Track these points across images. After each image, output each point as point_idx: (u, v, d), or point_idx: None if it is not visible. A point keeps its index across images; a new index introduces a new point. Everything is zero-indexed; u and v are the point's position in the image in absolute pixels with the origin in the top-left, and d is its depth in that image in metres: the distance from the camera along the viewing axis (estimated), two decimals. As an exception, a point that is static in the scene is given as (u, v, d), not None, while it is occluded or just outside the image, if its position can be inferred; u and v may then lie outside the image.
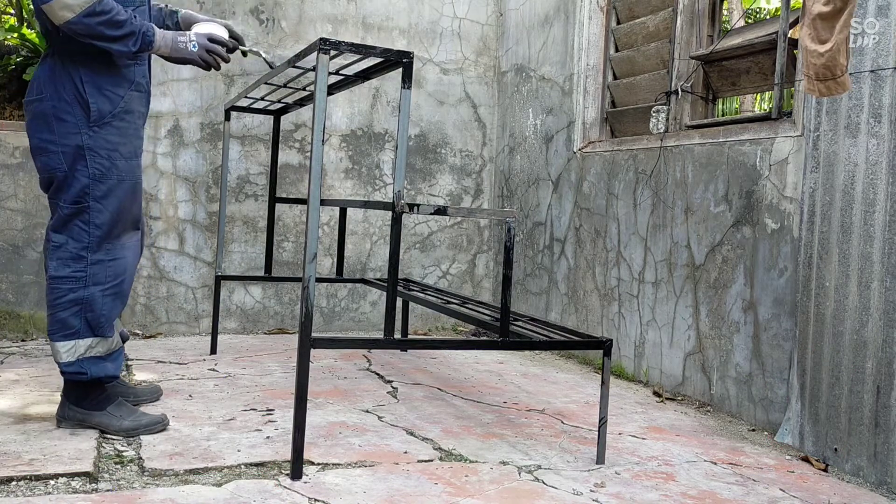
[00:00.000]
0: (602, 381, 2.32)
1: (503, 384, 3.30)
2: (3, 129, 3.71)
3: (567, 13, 3.97)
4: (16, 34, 4.06)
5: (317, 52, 2.04)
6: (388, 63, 2.37)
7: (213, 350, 3.56)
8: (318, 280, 3.70)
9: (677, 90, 3.31)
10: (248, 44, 3.69)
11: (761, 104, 8.53)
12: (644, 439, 2.60)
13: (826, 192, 2.47)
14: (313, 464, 2.17)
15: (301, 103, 3.39)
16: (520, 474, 2.19)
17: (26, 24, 4.24)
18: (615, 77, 3.81)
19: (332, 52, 2.06)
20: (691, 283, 3.12)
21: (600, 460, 2.32)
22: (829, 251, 2.46)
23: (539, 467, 2.26)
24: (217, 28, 2.48)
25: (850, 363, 2.37)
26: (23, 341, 3.67)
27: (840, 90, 2.06)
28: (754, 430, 2.76)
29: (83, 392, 2.33)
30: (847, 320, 2.38)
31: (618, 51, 3.79)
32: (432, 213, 2.34)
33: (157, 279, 3.96)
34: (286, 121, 4.10)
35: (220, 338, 3.87)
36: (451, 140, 4.56)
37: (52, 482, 1.94)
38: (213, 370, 3.24)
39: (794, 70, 2.81)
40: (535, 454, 2.38)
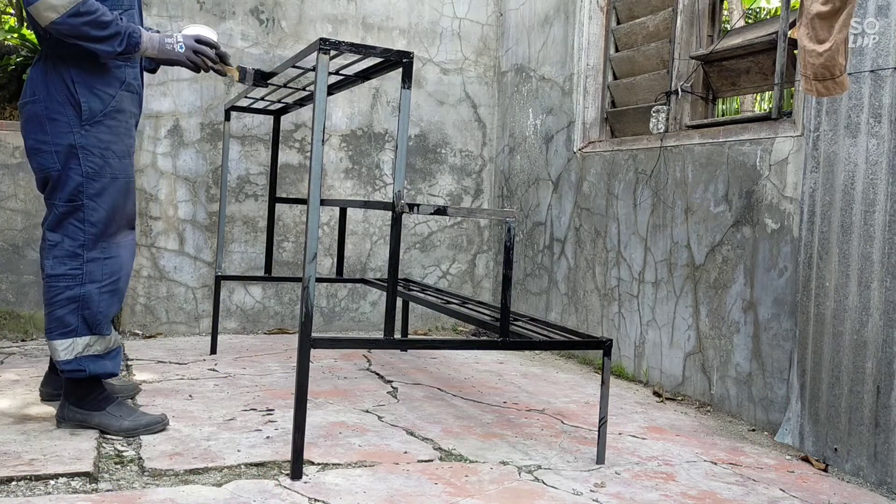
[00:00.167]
0: (602, 381, 2.32)
1: (503, 384, 3.30)
2: (3, 129, 3.71)
3: (567, 13, 3.97)
4: (16, 34, 4.07)
5: (317, 52, 2.04)
6: (388, 63, 2.37)
7: (214, 350, 3.57)
8: (318, 280, 3.70)
9: (677, 90, 3.31)
10: (238, 60, 3.76)
11: (761, 104, 8.52)
12: (644, 439, 2.60)
13: (826, 192, 2.47)
14: (313, 464, 2.17)
15: (301, 103, 3.39)
16: (520, 474, 2.19)
17: (26, 24, 4.24)
18: (615, 77, 3.81)
19: (332, 52, 2.07)
20: (691, 283, 3.12)
21: (600, 460, 2.32)
22: (829, 251, 2.46)
23: (539, 467, 2.26)
24: (205, 30, 2.50)
25: (850, 363, 2.37)
26: (23, 341, 3.67)
27: (839, 90, 2.06)
28: (754, 430, 2.76)
29: (83, 392, 2.33)
30: (847, 320, 2.38)
31: (618, 51, 3.79)
32: (432, 213, 2.34)
33: (157, 279, 3.96)
34: (286, 121, 4.10)
35: (220, 338, 3.87)
36: (451, 140, 4.56)
37: (52, 482, 1.94)
38: (213, 370, 3.24)
39: (794, 70, 2.81)
40: (535, 454, 2.38)
